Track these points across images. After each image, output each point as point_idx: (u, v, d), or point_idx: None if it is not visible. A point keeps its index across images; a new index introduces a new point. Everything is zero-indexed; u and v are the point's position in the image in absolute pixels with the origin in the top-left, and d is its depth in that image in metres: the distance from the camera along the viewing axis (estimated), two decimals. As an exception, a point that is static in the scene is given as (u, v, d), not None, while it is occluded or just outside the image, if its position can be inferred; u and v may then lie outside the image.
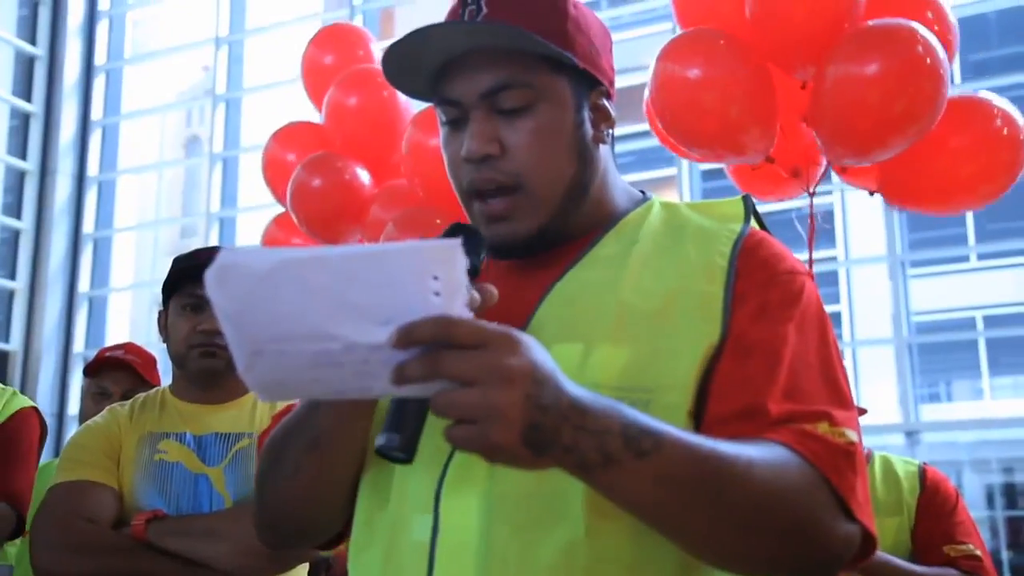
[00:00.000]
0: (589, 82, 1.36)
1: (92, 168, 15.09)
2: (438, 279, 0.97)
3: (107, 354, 3.55)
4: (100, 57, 15.47)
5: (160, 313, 2.55)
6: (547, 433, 0.98)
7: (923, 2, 4.10)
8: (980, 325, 17.86)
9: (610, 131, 1.41)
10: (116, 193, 15.50)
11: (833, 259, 16.03)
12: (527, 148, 1.29)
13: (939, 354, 18.31)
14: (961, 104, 4.09)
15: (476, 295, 1.06)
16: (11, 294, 14.26)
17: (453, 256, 0.97)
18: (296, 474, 1.32)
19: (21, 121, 14.70)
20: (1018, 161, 3.99)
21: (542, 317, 1.28)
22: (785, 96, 4.07)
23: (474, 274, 1.17)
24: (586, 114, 1.36)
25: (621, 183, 1.45)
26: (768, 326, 1.23)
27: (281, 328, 1.03)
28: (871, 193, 4.32)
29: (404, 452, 1.08)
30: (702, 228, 1.33)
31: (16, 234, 14.41)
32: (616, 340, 1.22)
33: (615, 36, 1.43)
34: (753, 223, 1.35)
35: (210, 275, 1.01)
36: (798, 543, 1.13)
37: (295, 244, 5.92)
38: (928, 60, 3.73)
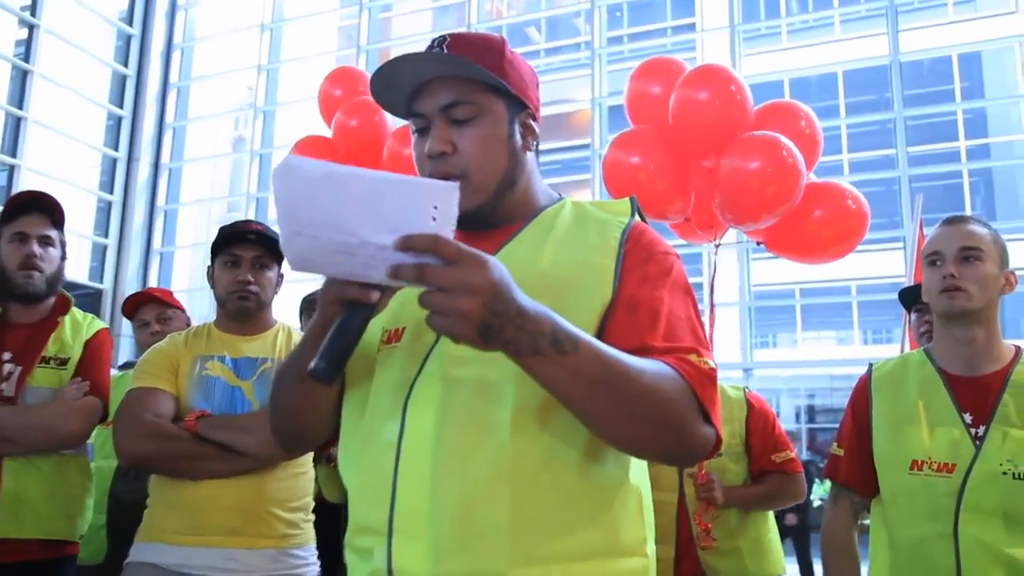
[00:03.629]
0: (519, 105, 1.33)
1: (165, 158, 14.94)
2: (437, 208, 0.98)
3: (133, 295, 3.42)
4: (174, 76, 15.27)
5: (208, 267, 2.49)
6: (494, 330, 0.99)
7: (798, 115, 4.19)
8: (797, 295, 18.04)
9: (535, 143, 1.37)
10: (182, 177, 15.36)
11: (702, 244, 16.13)
12: (472, 149, 1.27)
13: (769, 315, 18.61)
14: (823, 187, 4.17)
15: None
16: (104, 248, 14.16)
17: (451, 193, 0.99)
18: (290, 397, 1.32)
19: (115, 122, 14.52)
20: (862, 228, 4.10)
21: None
22: (698, 176, 4.12)
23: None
24: (516, 128, 1.32)
25: (543, 185, 1.40)
26: (649, 290, 1.21)
27: (318, 219, 1.01)
28: (758, 243, 4.34)
29: (326, 376, 1.08)
30: (601, 219, 1.31)
31: (109, 204, 14.28)
32: (537, 297, 1.14)
33: (550, 77, 1.40)
34: (637, 218, 1.33)
35: (277, 169, 1.01)
36: (670, 434, 1.12)
37: None
38: (790, 160, 3.80)
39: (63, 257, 2.62)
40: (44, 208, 2.58)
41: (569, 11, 16.41)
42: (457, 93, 1.27)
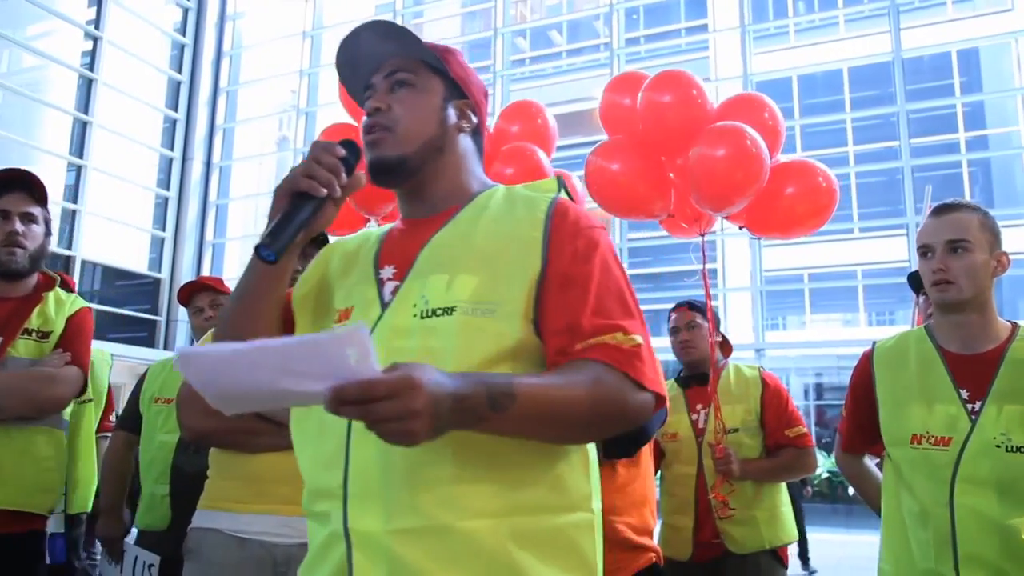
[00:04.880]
0: (458, 93, 1.37)
1: (216, 157, 15.07)
2: (351, 351, 0.93)
3: (187, 284, 3.34)
4: (223, 81, 15.38)
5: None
6: (443, 427, 1.00)
7: (762, 107, 4.12)
8: (806, 280, 17.90)
9: (471, 128, 1.39)
10: (232, 174, 15.48)
11: (714, 233, 16.00)
12: (401, 108, 1.30)
13: (779, 298, 18.47)
14: (795, 166, 4.10)
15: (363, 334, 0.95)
16: (161, 241, 14.32)
17: (361, 335, 0.93)
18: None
19: (170, 124, 14.67)
20: (832, 203, 4.01)
21: (423, 258, 1.26)
22: (675, 174, 4.07)
23: (350, 168, 1.22)
24: (451, 107, 1.35)
25: (480, 174, 1.41)
26: (580, 266, 1.21)
27: (237, 387, 1.00)
28: (740, 228, 4.27)
29: (272, 254, 1.10)
30: (528, 197, 1.31)
31: (165, 200, 14.43)
32: (470, 271, 1.20)
33: (572, 77, 1.38)
34: (563, 194, 1.33)
35: (177, 360, 0.98)
36: (614, 422, 1.15)
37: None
38: (754, 148, 3.74)
39: (47, 233, 2.50)
40: (26, 185, 2.45)
41: (589, 15, 16.35)
42: (401, 64, 1.33)
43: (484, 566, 1.12)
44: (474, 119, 1.39)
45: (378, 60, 1.36)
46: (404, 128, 1.31)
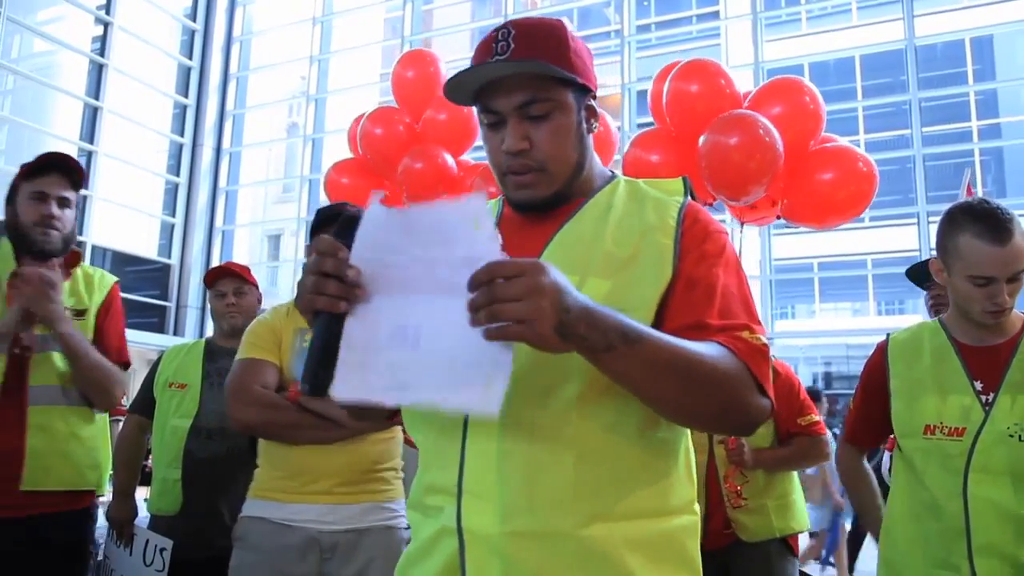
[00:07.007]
0: (584, 90, 1.28)
1: (226, 143, 15.07)
2: (472, 216, 0.97)
3: (215, 267, 3.35)
4: (233, 67, 15.37)
5: (307, 246, 2.38)
6: (569, 327, 0.97)
7: (801, 90, 4.11)
8: (816, 269, 17.84)
9: (596, 123, 1.32)
10: (241, 160, 15.49)
11: (723, 222, 15.95)
12: (548, 144, 1.23)
13: (788, 287, 18.44)
14: (834, 151, 4.09)
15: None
16: (171, 227, 14.35)
17: (477, 201, 0.98)
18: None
19: (180, 110, 14.68)
20: (872, 189, 4.02)
21: (548, 256, 1.22)
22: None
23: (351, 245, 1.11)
24: (583, 114, 1.28)
25: (597, 163, 1.36)
26: (706, 268, 1.20)
27: (388, 255, 1.03)
28: (778, 217, 4.27)
29: (316, 395, 1.06)
30: (656, 198, 1.27)
31: (175, 186, 14.46)
32: (601, 275, 1.18)
33: (598, 61, 1.34)
34: (689, 197, 1.30)
35: (373, 207, 1.04)
36: (732, 409, 1.12)
37: (343, 183, 5.80)
38: (767, 138, 3.73)
39: (76, 217, 2.55)
40: (65, 169, 2.48)
41: (600, 1, 16.25)
42: (532, 91, 1.23)
43: (598, 571, 1.12)
44: (596, 108, 1.33)
45: (493, 75, 1.25)
46: (555, 166, 1.25)
